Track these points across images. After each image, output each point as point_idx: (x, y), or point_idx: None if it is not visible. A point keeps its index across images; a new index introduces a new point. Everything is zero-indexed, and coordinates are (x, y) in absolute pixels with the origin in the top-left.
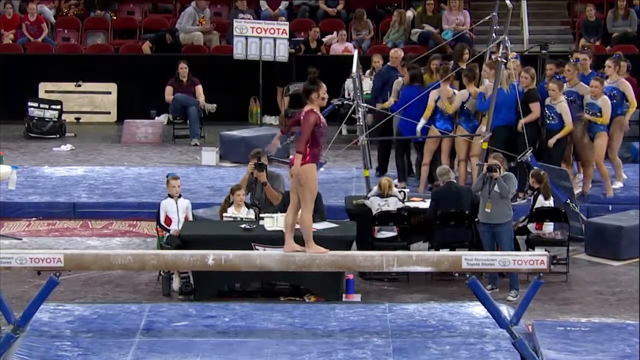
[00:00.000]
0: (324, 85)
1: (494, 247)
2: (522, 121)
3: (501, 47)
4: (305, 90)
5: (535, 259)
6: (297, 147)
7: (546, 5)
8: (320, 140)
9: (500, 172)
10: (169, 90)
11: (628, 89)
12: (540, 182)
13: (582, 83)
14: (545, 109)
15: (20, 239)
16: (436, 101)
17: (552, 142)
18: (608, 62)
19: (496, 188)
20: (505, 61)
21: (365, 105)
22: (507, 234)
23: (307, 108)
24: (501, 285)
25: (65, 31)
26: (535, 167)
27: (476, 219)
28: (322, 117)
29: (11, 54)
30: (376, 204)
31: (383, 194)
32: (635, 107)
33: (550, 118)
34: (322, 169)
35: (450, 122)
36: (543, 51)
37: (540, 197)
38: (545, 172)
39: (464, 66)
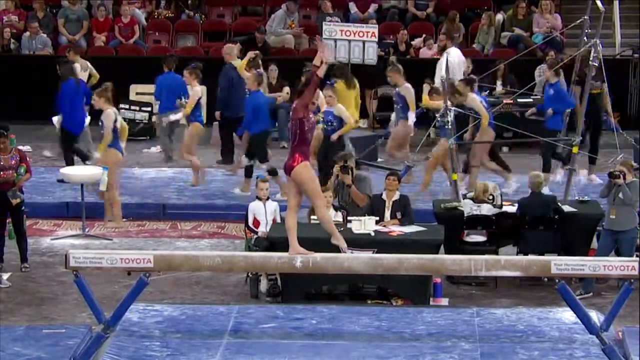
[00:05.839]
0: (320, 91)
1: (608, 253)
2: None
3: (592, 51)
4: (300, 91)
5: (625, 264)
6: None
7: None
8: (307, 138)
9: (625, 179)
10: None
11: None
12: None
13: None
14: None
15: (111, 240)
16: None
17: (334, 137)
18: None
19: (621, 195)
20: (596, 65)
21: (455, 108)
22: (629, 242)
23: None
24: (592, 290)
25: (156, 34)
26: None
27: (600, 226)
28: (310, 115)
29: (103, 56)
30: (468, 208)
31: (476, 199)
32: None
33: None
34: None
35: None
36: (635, 55)
37: None
38: None
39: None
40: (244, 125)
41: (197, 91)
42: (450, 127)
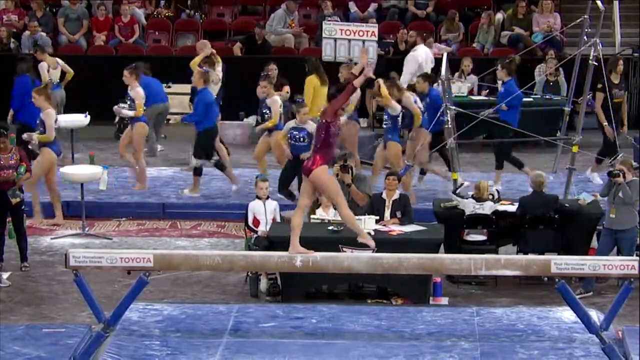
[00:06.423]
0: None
1: (608, 253)
2: None
3: (592, 50)
4: (332, 95)
5: (626, 263)
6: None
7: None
8: (331, 141)
9: (625, 178)
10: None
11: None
12: None
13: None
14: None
15: (111, 239)
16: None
17: (304, 156)
18: None
19: (620, 194)
20: (596, 64)
21: (454, 108)
22: (629, 242)
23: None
24: (593, 289)
25: (156, 33)
26: None
27: (600, 225)
28: (337, 120)
29: (103, 56)
30: (471, 207)
31: (480, 197)
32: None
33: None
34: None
35: None
36: (635, 54)
37: None
38: None
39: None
40: (195, 122)
41: (139, 91)
42: (450, 126)
